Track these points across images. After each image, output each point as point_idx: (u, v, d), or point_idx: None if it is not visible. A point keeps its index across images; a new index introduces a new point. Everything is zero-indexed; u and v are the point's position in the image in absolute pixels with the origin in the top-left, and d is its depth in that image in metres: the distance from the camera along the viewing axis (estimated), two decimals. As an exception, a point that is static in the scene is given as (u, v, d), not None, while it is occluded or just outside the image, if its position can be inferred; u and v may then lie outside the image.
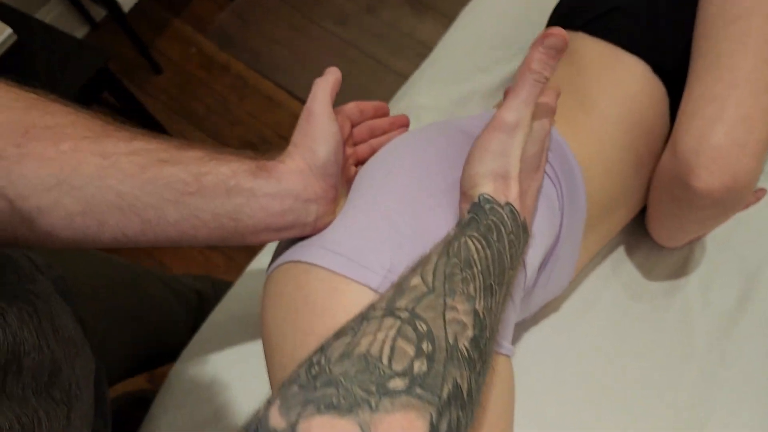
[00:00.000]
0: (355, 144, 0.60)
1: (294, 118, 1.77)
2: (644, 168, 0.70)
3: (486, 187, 0.45)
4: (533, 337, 0.81)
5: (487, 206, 0.44)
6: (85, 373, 0.53)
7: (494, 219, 0.43)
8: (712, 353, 0.80)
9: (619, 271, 0.85)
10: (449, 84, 0.97)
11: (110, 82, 1.35)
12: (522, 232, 0.46)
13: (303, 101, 1.68)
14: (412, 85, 1.00)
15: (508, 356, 0.53)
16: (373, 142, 0.61)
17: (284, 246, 0.53)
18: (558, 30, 0.42)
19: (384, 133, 0.62)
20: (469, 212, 0.44)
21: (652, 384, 0.78)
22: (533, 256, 0.57)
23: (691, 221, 0.69)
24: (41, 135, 0.39)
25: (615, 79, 0.69)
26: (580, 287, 0.84)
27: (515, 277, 0.47)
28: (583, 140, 0.66)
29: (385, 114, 0.62)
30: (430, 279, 0.38)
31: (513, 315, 0.56)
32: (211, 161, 0.43)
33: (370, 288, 0.46)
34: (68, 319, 0.54)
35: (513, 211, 0.45)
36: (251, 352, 0.86)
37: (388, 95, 1.75)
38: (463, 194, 0.48)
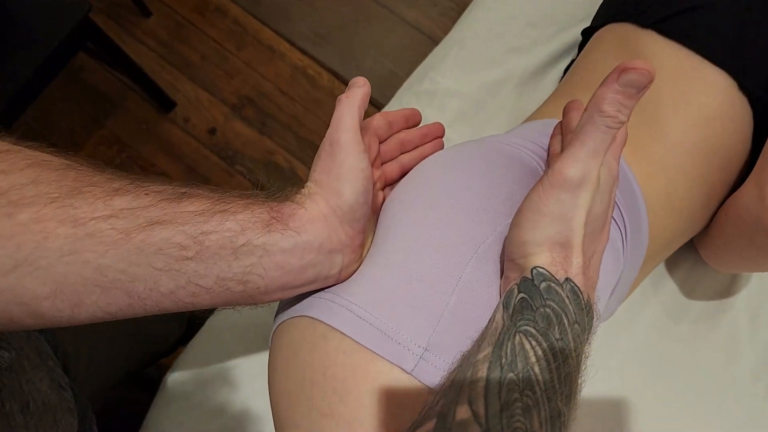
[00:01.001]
0: (383, 162, 0.51)
1: (296, 71, 1.69)
2: (714, 200, 0.61)
3: (541, 258, 0.37)
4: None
5: (543, 285, 0.36)
6: None
7: (553, 305, 0.35)
8: (757, 386, 0.73)
9: (659, 288, 0.77)
10: (478, 67, 0.85)
11: (93, 33, 1.23)
12: (587, 316, 0.37)
13: (306, 53, 1.59)
14: (435, 66, 0.87)
15: None
16: (404, 159, 0.53)
17: None
18: (642, 63, 0.32)
19: (416, 146, 0.54)
20: (519, 290, 0.36)
21: (688, 416, 0.72)
22: (601, 301, 0.48)
23: (765, 264, 0.60)
24: None
25: (692, 95, 0.57)
26: (617, 308, 0.76)
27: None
28: (648, 170, 0.56)
29: (417, 123, 0.54)
30: (481, 410, 0.31)
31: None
32: (214, 216, 0.36)
33: (403, 370, 0.38)
34: (43, 383, 0.49)
35: (575, 290, 0.36)
36: (248, 361, 0.81)
37: (400, 48, 1.64)
38: (511, 261, 0.39)
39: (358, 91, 0.43)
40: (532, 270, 0.36)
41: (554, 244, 0.37)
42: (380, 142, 0.50)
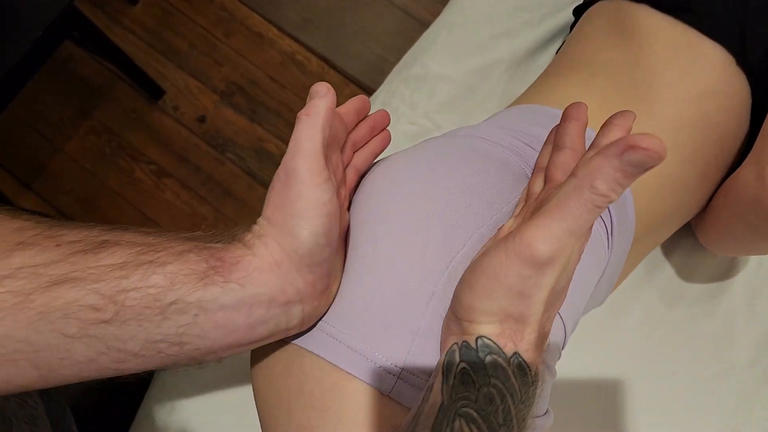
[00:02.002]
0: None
1: (285, 57, 1.68)
2: (708, 181, 0.60)
3: (489, 329, 0.32)
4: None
5: (488, 359, 0.31)
6: None
7: (498, 384, 0.31)
8: (755, 369, 0.73)
9: (655, 273, 0.77)
10: (468, 51, 0.84)
11: (79, 21, 1.20)
12: (531, 388, 0.33)
13: (295, 38, 1.57)
14: (425, 50, 0.86)
15: None
16: (358, 162, 0.47)
17: None
18: (652, 143, 0.25)
19: (365, 142, 0.48)
20: (461, 357, 0.32)
21: (687, 401, 0.72)
22: (574, 312, 0.48)
23: (764, 247, 0.59)
24: None
25: (687, 70, 0.56)
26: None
27: None
28: None
29: (367, 112, 0.47)
30: None
31: (550, 381, 0.47)
32: (137, 269, 0.31)
33: (381, 392, 0.37)
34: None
35: (522, 366, 0.32)
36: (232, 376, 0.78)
37: (389, 32, 1.63)
38: (454, 318, 0.35)
39: (320, 103, 0.36)
40: (477, 339, 0.32)
41: (507, 317, 0.32)
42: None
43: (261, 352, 0.41)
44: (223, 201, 1.47)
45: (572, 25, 0.75)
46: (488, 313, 0.32)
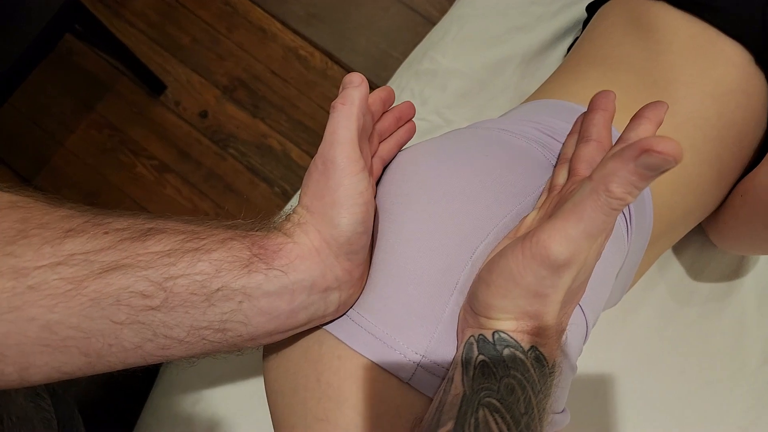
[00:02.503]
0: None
1: (288, 52, 1.66)
2: (725, 180, 0.59)
3: (506, 324, 0.33)
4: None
5: (506, 352, 0.32)
6: None
7: (518, 375, 0.31)
8: (766, 368, 0.72)
9: (665, 271, 0.76)
10: (480, 45, 0.83)
11: (81, 14, 1.19)
12: (549, 378, 0.33)
13: (298, 33, 1.56)
14: (435, 45, 0.85)
15: None
16: (383, 151, 0.47)
17: None
18: (669, 147, 0.25)
19: (390, 133, 0.48)
20: (479, 350, 0.33)
21: (696, 402, 0.71)
22: (596, 306, 0.47)
23: None
24: None
25: (706, 69, 0.55)
26: (623, 290, 0.75)
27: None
28: None
29: (392, 102, 0.47)
30: None
31: (569, 376, 0.46)
32: (184, 256, 0.31)
33: (400, 379, 0.37)
34: (19, 394, 0.46)
35: (540, 358, 0.32)
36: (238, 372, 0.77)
37: (394, 27, 1.61)
38: (472, 311, 0.35)
39: (354, 93, 0.36)
40: (493, 333, 0.33)
41: (523, 314, 0.32)
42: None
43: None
44: (224, 197, 1.45)
45: (585, 22, 0.74)
46: (505, 311, 0.33)
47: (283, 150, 1.47)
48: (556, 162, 0.44)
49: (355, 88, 0.36)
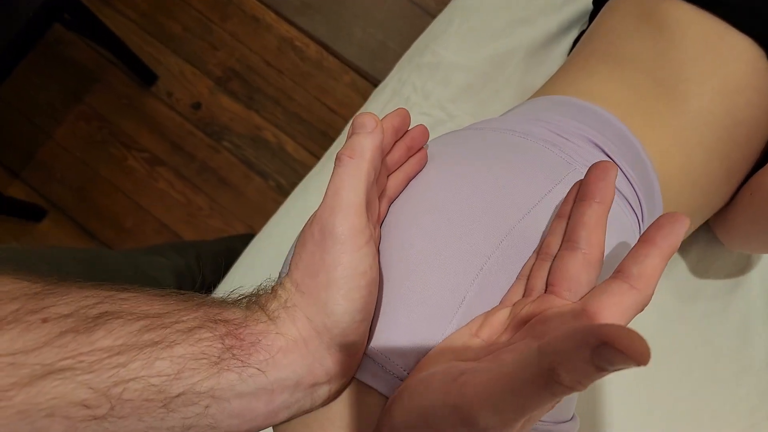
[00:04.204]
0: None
1: (283, 43, 1.63)
2: (734, 178, 0.58)
3: None
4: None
5: None
6: None
7: None
8: (773, 369, 0.71)
9: (670, 270, 0.75)
10: (483, 38, 0.81)
11: (69, 3, 1.16)
12: None
13: (293, 23, 1.53)
14: (437, 37, 0.83)
15: None
16: (391, 189, 0.41)
17: None
18: (632, 340, 0.19)
19: (399, 165, 0.41)
20: None
21: (701, 401, 0.70)
22: None
23: None
24: None
25: (717, 65, 0.54)
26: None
27: None
28: (665, 145, 0.53)
29: (406, 129, 0.40)
30: None
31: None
32: (139, 354, 0.26)
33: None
34: None
35: None
36: None
37: (390, 18, 1.58)
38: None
39: (366, 143, 0.30)
40: None
41: None
42: None
43: None
44: (218, 190, 1.43)
45: (591, 15, 0.72)
46: None
47: (278, 142, 1.44)
48: (537, 255, 0.37)
49: (367, 136, 0.30)
